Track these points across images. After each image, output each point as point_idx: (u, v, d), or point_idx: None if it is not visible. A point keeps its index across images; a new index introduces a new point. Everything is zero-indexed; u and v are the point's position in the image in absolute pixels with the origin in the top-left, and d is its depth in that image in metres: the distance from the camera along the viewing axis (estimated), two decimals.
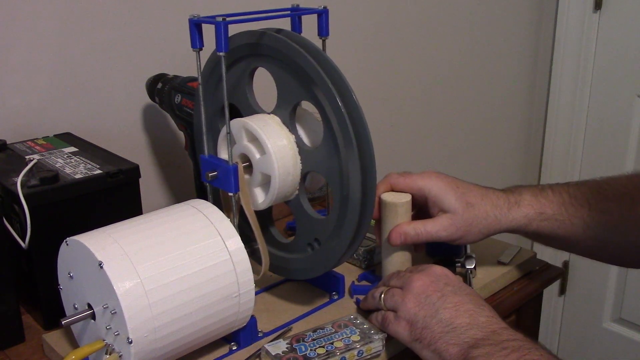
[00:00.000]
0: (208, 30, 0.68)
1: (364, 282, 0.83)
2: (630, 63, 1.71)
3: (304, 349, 0.66)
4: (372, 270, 0.85)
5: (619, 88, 1.75)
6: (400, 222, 0.76)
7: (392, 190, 0.78)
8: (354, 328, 0.70)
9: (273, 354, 0.66)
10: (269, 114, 0.74)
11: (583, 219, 0.74)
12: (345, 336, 0.68)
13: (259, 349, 0.68)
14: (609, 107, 1.78)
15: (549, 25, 1.82)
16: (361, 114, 0.65)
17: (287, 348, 0.67)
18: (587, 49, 1.76)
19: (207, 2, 1.06)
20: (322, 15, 0.73)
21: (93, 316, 0.62)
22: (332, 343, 0.67)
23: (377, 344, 0.68)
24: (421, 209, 0.79)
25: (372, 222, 0.92)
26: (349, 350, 0.66)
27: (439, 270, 0.70)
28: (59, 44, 0.93)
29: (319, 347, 0.67)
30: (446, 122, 1.65)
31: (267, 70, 0.72)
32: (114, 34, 0.98)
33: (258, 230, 0.74)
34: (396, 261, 0.78)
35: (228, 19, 0.66)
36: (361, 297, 0.78)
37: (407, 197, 0.76)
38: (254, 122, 0.71)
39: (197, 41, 0.70)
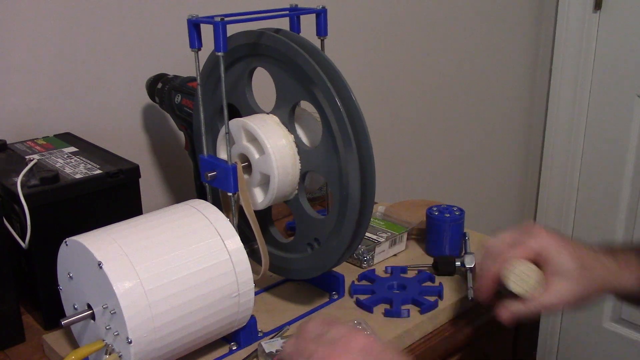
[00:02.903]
0: (207, 31, 0.68)
1: (364, 282, 0.83)
2: (630, 63, 1.71)
3: None
4: (372, 270, 0.85)
5: (619, 88, 1.74)
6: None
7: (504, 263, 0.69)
8: None
9: (267, 351, 0.66)
10: (268, 113, 0.74)
11: None
12: None
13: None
14: (609, 107, 1.78)
15: (549, 25, 1.82)
16: (360, 113, 0.65)
17: (282, 347, 0.67)
18: (587, 49, 1.76)
19: (206, 2, 1.06)
20: (321, 15, 0.73)
21: (93, 316, 0.62)
22: None
23: None
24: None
25: (382, 223, 0.92)
26: None
27: (359, 344, 0.53)
28: (59, 44, 0.93)
29: None
30: (446, 122, 1.65)
31: (266, 70, 0.72)
32: (114, 34, 0.98)
33: (258, 230, 0.74)
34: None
35: (226, 19, 0.66)
36: (361, 297, 0.78)
37: (535, 283, 0.68)
38: (253, 122, 0.71)
39: (195, 41, 0.70)
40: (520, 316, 0.68)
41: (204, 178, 0.74)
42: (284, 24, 0.74)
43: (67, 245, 0.63)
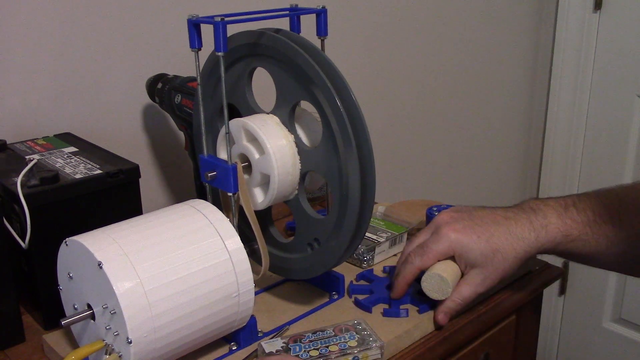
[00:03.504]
0: (207, 30, 0.68)
1: (362, 282, 0.83)
2: (630, 63, 1.71)
3: (298, 350, 0.66)
4: (371, 270, 0.85)
5: (619, 88, 1.75)
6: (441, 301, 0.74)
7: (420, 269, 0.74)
8: (354, 333, 0.69)
9: (267, 351, 0.66)
10: (268, 113, 0.74)
11: (607, 236, 0.72)
12: (342, 341, 0.68)
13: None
14: (609, 107, 1.78)
15: (549, 25, 1.82)
16: (360, 113, 0.65)
17: (282, 347, 0.67)
18: (587, 49, 1.76)
19: (206, 2, 1.06)
20: (321, 15, 0.73)
21: (93, 316, 0.62)
22: (327, 346, 0.67)
23: (374, 352, 0.67)
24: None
25: (382, 223, 0.92)
26: (343, 355, 0.66)
27: None
28: (59, 44, 0.93)
29: (314, 349, 0.67)
30: (446, 122, 1.65)
31: (266, 70, 0.72)
32: (114, 34, 0.98)
33: (258, 230, 0.74)
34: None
35: (227, 19, 0.66)
36: (360, 296, 0.78)
37: (448, 287, 0.72)
38: (253, 122, 0.71)
39: (195, 41, 0.70)
40: (453, 313, 0.74)
41: (204, 178, 0.74)
42: (284, 24, 0.74)
43: (67, 245, 0.63)
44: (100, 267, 0.58)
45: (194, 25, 0.70)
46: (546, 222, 0.73)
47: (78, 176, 0.74)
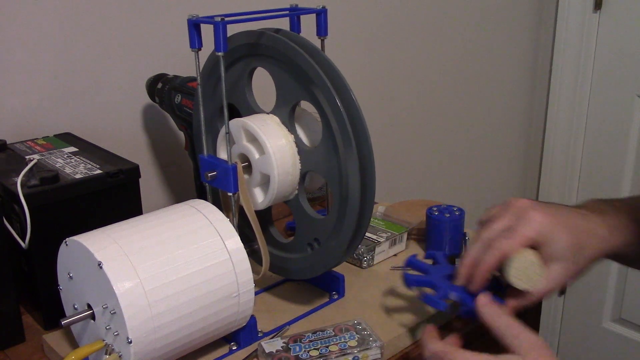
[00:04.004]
0: (207, 31, 0.68)
1: (415, 272, 0.74)
2: (630, 63, 1.71)
3: (298, 350, 0.66)
4: (414, 255, 0.76)
5: (619, 88, 1.75)
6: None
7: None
8: (354, 333, 0.69)
9: (267, 351, 0.66)
10: (268, 113, 0.74)
11: None
12: (342, 340, 0.68)
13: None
14: (609, 107, 1.78)
15: (549, 25, 1.82)
16: (360, 113, 0.65)
17: (282, 347, 0.67)
18: (587, 49, 1.76)
19: (206, 2, 1.06)
20: (321, 14, 0.73)
21: (93, 316, 0.62)
22: (327, 346, 0.67)
23: (374, 352, 0.68)
24: None
25: (382, 223, 0.92)
26: (343, 355, 0.66)
27: None
28: (59, 44, 0.93)
29: (314, 349, 0.67)
30: (446, 122, 1.65)
31: (266, 70, 0.72)
32: (114, 34, 0.98)
33: (258, 230, 0.74)
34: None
35: (227, 19, 0.66)
36: (427, 290, 0.70)
37: (538, 276, 0.65)
38: (253, 122, 0.71)
39: (195, 41, 0.70)
40: (520, 310, 0.67)
41: (204, 178, 0.74)
42: (284, 24, 0.74)
43: (67, 245, 0.63)
44: (100, 267, 0.58)
45: (194, 25, 0.70)
46: (617, 222, 0.68)
47: (78, 176, 0.74)
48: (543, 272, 0.64)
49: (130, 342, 0.58)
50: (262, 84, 0.77)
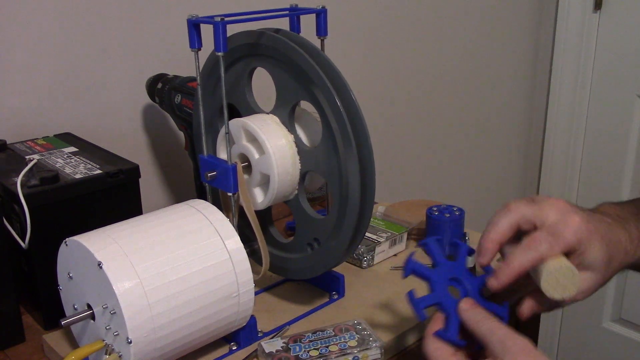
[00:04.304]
0: (207, 31, 0.68)
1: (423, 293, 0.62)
2: (630, 63, 1.71)
3: (298, 350, 0.66)
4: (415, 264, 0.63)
5: (619, 88, 1.75)
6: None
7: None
8: (354, 333, 0.69)
9: (267, 351, 0.66)
10: (268, 113, 0.74)
11: None
12: (342, 341, 0.68)
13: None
14: (609, 107, 1.78)
15: (549, 25, 1.82)
16: (360, 113, 0.65)
17: (282, 347, 0.67)
18: (587, 49, 1.76)
19: (206, 2, 1.06)
20: (321, 14, 0.73)
21: (93, 316, 0.62)
22: (327, 346, 0.67)
23: (374, 352, 0.68)
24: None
25: (382, 223, 0.92)
26: (343, 355, 0.66)
27: None
28: (59, 45, 0.93)
29: (313, 349, 0.67)
30: (446, 122, 1.65)
31: (266, 70, 0.72)
32: (114, 34, 0.98)
33: (259, 230, 0.74)
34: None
35: (226, 19, 0.66)
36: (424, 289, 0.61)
37: (574, 287, 0.58)
38: (253, 122, 0.71)
39: (195, 41, 0.70)
40: (540, 312, 0.63)
41: (204, 178, 0.74)
42: (284, 24, 0.74)
43: (67, 245, 0.63)
44: (100, 267, 0.58)
45: (194, 25, 0.70)
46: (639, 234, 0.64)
47: (78, 176, 0.74)
48: (578, 282, 0.58)
49: (130, 342, 0.58)
50: (262, 84, 0.77)
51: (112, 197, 0.76)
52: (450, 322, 0.58)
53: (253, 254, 0.78)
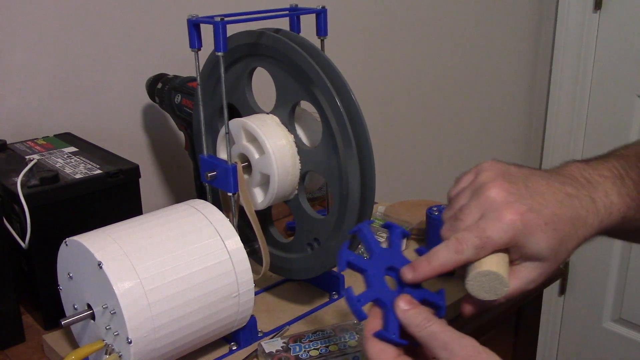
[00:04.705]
0: (207, 31, 0.68)
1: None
2: (630, 63, 1.71)
3: (298, 350, 0.67)
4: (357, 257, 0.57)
5: (619, 88, 1.75)
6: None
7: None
8: (354, 333, 0.69)
9: (267, 351, 0.66)
10: (268, 113, 0.74)
11: None
12: (342, 340, 0.68)
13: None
14: (609, 107, 1.78)
15: (549, 25, 1.82)
16: (360, 113, 0.65)
17: (282, 347, 0.67)
18: (587, 49, 1.76)
19: (206, 2, 1.06)
20: (321, 15, 0.73)
21: (93, 316, 0.62)
22: (327, 346, 0.67)
23: None
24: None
25: (382, 222, 0.92)
26: (343, 355, 0.66)
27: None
28: (59, 45, 0.93)
29: (314, 349, 0.67)
30: (446, 122, 1.65)
31: (266, 70, 0.72)
32: (114, 34, 0.98)
33: (259, 230, 0.74)
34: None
35: (226, 19, 0.66)
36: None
37: (504, 286, 0.54)
38: (253, 122, 0.71)
39: (195, 41, 0.70)
40: (485, 309, 0.57)
41: (204, 178, 0.74)
42: (284, 24, 0.74)
43: (67, 245, 0.63)
44: (100, 267, 0.58)
45: (194, 25, 0.70)
46: (609, 203, 0.57)
47: (78, 176, 0.74)
48: (507, 284, 0.53)
49: (130, 342, 0.58)
50: (262, 84, 0.77)
51: (112, 197, 0.76)
52: (389, 319, 0.51)
53: (253, 254, 0.78)
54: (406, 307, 0.51)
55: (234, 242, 0.65)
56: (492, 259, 0.54)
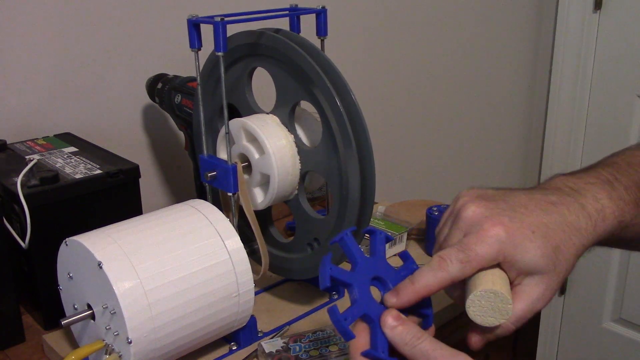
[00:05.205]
0: (208, 31, 0.68)
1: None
2: (630, 63, 1.71)
3: (298, 350, 0.67)
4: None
5: (619, 88, 1.75)
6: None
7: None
8: None
9: (267, 351, 0.66)
10: (268, 113, 0.74)
11: None
12: (342, 340, 0.68)
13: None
14: (609, 107, 1.78)
15: (549, 25, 1.82)
16: (360, 113, 0.65)
17: (282, 347, 0.67)
18: (587, 49, 1.76)
19: (206, 2, 1.06)
20: (321, 14, 0.73)
21: (93, 316, 0.62)
22: (327, 346, 0.67)
23: None
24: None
25: (382, 223, 0.92)
26: (343, 355, 0.66)
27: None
28: (59, 45, 0.93)
29: (314, 349, 0.67)
30: (445, 123, 1.65)
31: (266, 70, 0.72)
32: (114, 34, 0.98)
33: (258, 230, 0.74)
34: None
35: (226, 19, 0.66)
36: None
37: (507, 306, 0.49)
38: (253, 122, 0.71)
39: (195, 41, 0.70)
40: (494, 338, 0.53)
41: (204, 178, 0.74)
42: (284, 24, 0.74)
43: (67, 245, 0.63)
44: (100, 267, 0.58)
45: (194, 25, 0.70)
46: (600, 207, 0.54)
47: (78, 176, 0.74)
48: (509, 299, 0.50)
49: (130, 342, 0.58)
50: (262, 84, 0.77)
51: (112, 197, 0.76)
52: (377, 336, 0.48)
53: (253, 254, 0.78)
54: (394, 324, 0.48)
55: (234, 242, 0.65)
56: (487, 278, 0.50)
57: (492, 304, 0.49)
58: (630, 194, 0.56)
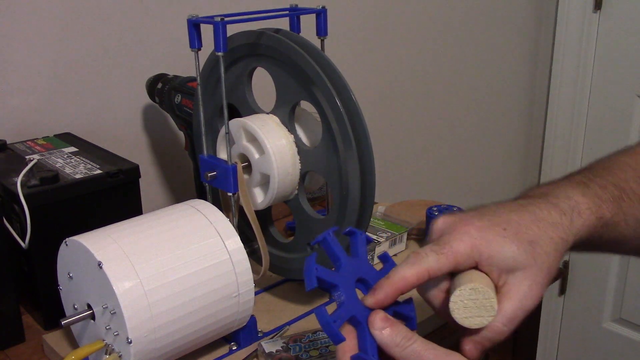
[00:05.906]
0: (208, 31, 0.68)
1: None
2: (630, 63, 1.71)
3: (298, 350, 0.67)
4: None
5: (619, 88, 1.75)
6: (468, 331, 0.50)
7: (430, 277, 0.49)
8: None
9: (267, 351, 0.66)
10: (268, 113, 0.74)
11: (635, 215, 0.56)
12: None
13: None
14: (609, 107, 1.78)
15: (549, 25, 1.82)
16: (360, 113, 0.65)
17: (282, 347, 0.67)
18: (587, 49, 1.76)
19: (206, 2, 1.06)
20: (321, 14, 0.73)
21: (93, 316, 0.62)
22: (327, 346, 0.67)
23: None
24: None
25: (382, 223, 0.92)
26: None
27: None
28: (59, 44, 0.93)
29: (313, 349, 0.67)
30: (446, 122, 1.65)
31: (266, 70, 0.72)
32: (114, 34, 0.98)
33: (258, 230, 0.74)
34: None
35: (226, 19, 0.66)
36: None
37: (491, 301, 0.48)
38: (253, 122, 0.71)
39: (195, 41, 0.70)
40: (489, 344, 0.52)
41: (204, 178, 0.74)
42: (284, 24, 0.74)
43: (67, 245, 0.63)
44: (100, 267, 0.58)
45: (194, 25, 0.70)
46: (574, 203, 0.53)
47: (78, 176, 0.74)
48: (492, 293, 0.48)
49: (130, 342, 0.58)
50: (262, 84, 0.77)
51: (112, 197, 0.76)
52: (365, 339, 0.46)
53: (253, 254, 0.78)
54: (382, 325, 0.47)
55: (234, 242, 0.65)
56: (465, 278, 0.49)
57: (475, 301, 0.48)
58: (606, 192, 0.55)
